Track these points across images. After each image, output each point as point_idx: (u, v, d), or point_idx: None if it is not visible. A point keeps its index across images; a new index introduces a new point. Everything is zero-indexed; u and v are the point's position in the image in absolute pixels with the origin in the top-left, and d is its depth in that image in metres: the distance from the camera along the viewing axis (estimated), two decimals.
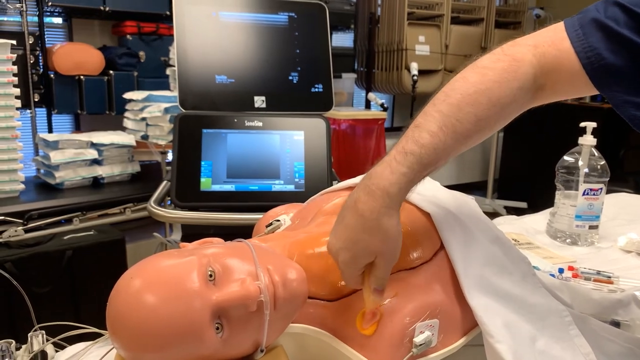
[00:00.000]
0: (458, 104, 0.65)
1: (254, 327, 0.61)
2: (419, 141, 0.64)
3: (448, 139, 0.64)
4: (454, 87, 0.67)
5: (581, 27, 0.67)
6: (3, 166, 2.17)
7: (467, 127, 0.65)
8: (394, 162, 0.63)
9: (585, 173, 1.26)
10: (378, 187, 0.62)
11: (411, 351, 0.66)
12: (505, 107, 0.67)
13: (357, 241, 0.63)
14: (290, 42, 1.82)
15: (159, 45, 2.97)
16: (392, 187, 0.62)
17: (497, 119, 0.68)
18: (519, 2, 4.68)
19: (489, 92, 0.66)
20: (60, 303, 1.97)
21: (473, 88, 0.66)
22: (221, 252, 0.64)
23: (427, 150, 0.63)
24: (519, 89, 0.67)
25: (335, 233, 0.65)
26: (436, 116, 0.65)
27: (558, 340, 0.73)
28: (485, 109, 0.66)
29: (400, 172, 0.62)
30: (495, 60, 0.69)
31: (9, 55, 2.12)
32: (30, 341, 0.82)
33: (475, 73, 0.68)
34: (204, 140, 1.63)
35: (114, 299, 0.60)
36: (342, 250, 0.64)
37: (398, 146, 0.65)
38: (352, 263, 0.64)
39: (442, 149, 0.64)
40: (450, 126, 0.64)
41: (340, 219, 0.65)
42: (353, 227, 0.63)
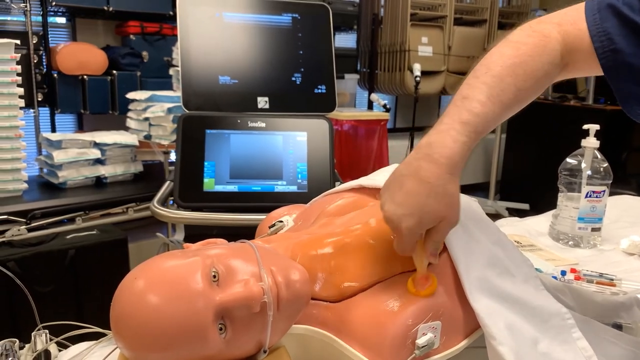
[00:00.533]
0: (499, 75, 0.70)
1: (257, 328, 0.61)
2: (473, 111, 0.67)
3: (496, 108, 0.69)
4: (493, 60, 0.72)
5: (599, 11, 0.70)
6: (6, 165, 2.17)
7: (509, 96, 0.70)
8: (454, 132, 0.66)
9: (588, 175, 1.26)
10: (442, 155, 0.65)
11: (414, 353, 0.66)
12: (538, 80, 0.72)
13: (423, 206, 0.64)
14: (294, 43, 1.82)
15: (162, 46, 2.97)
16: (456, 155, 0.65)
17: (532, 91, 0.73)
18: (522, 4, 4.69)
19: (524, 64, 0.71)
20: (63, 302, 1.98)
21: (510, 61, 0.71)
22: (225, 253, 0.64)
23: (481, 119, 0.68)
24: (549, 64, 0.72)
25: (395, 200, 0.66)
26: (482, 87, 0.69)
27: (560, 342, 0.74)
28: (522, 81, 0.70)
29: (461, 141, 0.66)
30: (526, 36, 0.73)
31: (12, 55, 2.12)
32: (33, 340, 0.82)
33: (510, 47, 0.73)
34: (207, 141, 1.63)
35: (118, 299, 0.60)
36: (407, 217, 0.64)
37: (452, 116, 0.68)
38: (417, 228, 0.65)
39: (492, 118, 0.69)
40: (496, 96, 0.69)
41: (397, 187, 0.66)
42: (418, 194, 0.64)
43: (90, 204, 2.23)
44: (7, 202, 2.14)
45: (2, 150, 2.15)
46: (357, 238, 0.75)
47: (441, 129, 0.67)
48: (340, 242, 0.75)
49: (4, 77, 2.10)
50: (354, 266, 0.72)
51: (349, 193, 0.89)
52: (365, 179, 0.90)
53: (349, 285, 0.71)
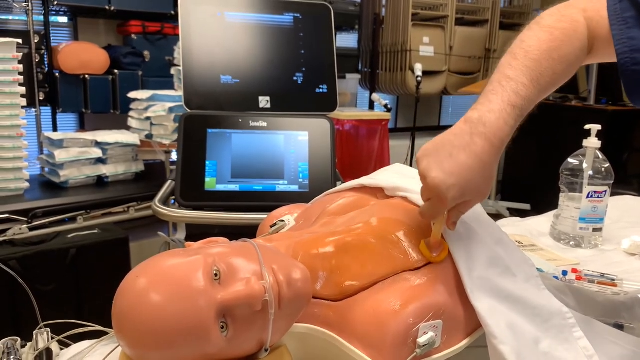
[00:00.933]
0: (538, 59, 0.72)
1: (259, 327, 0.61)
2: (520, 94, 0.69)
3: (536, 91, 0.71)
4: (530, 45, 0.74)
5: (620, 2, 0.73)
6: (8, 164, 2.18)
7: (547, 80, 0.72)
8: (506, 114, 0.68)
9: (590, 176, 1.26)
10: (496, 137, 0.67)
11: (415, 352, 0.67)
12: (571, 64, 0.75)
13: (471, 180, 0.67)
14: (295, 42, 1.82)
15: (164, 45, 2.98)
16: (507, 139, 0.69)
17: (565, 74, 0.76)
18: (524, 4, 4.68)
19: (559, 49, 0.73)
20: (64, 301, 1.98)
21: (546, 45, 0.73)
22: (226, 251, 0.64)
23: (525, 102, 0.70)
24: (580, 49, 0.76)
25: (444, 169, 0.66)
26: (524, 70, 0.71)
27: (562, 342, 0.74)
28: (558, 64, 0.73)
29: (511, 125, 0.69)
30: (557, 21, 0.76)
31: (14, 54, 2.13)
32: (35, 339, 0.82)
33: (544, 32, 0.75)
34: (208, 140, 1.64)
35: (120, 297, 0.60)
36: (456, 187, 0.66)
37: (503, 96, 0.69)
38: (460, 199, 0.68)
39: (533, 101, 0.71)
40: (537, 79, 0.71)
41: (447, 155, 0.67)
42: (470, 168, 0.66)
43: (91, 203, 2.24)
44: (9, 201, 2.14)
45: (4, 149, 2.15)
46: (359, 237, 0.75)
47: (493, 108, 0.68)
48: (341, 241, 0.75)
49: (5, 77, 2.11)
50: (355, 265, 0.72)
51: (350, 192, 0.89)
52: (366, 178, 0.90)
53: (350, 284, 0.71)
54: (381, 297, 0.69)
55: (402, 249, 0.73)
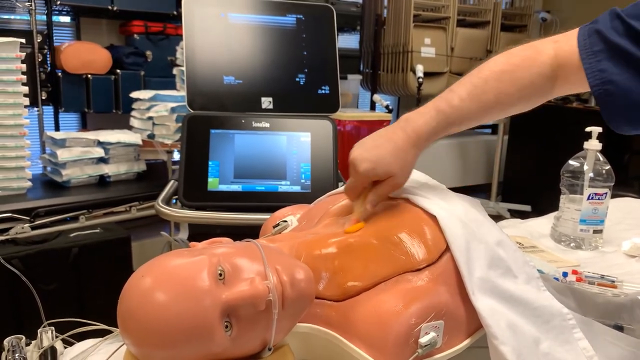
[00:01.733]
0: (486, 77, 0.81)
1: (262, 326, 0.62)
2: (451, 102, 0.80)
3: (473, 105, 0.80)
4: (486, 65, 0.83)
5: (589, 37, 0.77)
6: (10, 163, 2.18)
7: (489, 97, 0.80)
8: (428, 117, 0.80)
9: (590, 177, 1.27)
10: (413, 130, 0.80)
11: (416, 352, 0.67)
12: (523, 87, 0.81)
13: (382, 157, 0.78)
14: (298, 44, 1.83)
15: (166, 45, 2.98)
16: (423, 134, 0.80)
17: (516, 97, 0.82)
18: (525, 5, 4.68)
19: (511, 72, 0.81)
20: (66, 300, 1.99)
21: (499, 67, 0.81)
22: (231, 251, 0.65)
23: (455, 111, 0.80)
24: (537, 75, 0.80)
25: (364, 147, 0.80)
26: (467, 86, 0.81)
27: (562, 343, 0.74)
28: (506, 85, 0.80)
29: (431, 126, 0.80)
30: (522, 49, 0.83)
31: (17, 54, 2.13)
32: (39, 337, 0.83)
33: (504, 57, 0.83)
34: (211, 141, 1.64)
35: (125, 296, 0.61)
36: (367, 161, 0.78)
37: (435, 103, 0.81)
38: (371, 172, 0.78)
39: (466, 113, 0.81)
40: (476, 95, 0.80)
41: (371, 140, 0.81)
42: (384, 148, 0.79)
43: (93, 202, 2.24)
44: (12, 200, 2.15)
45: (7, 148, 2.16)
46: (361, 238, 0.76)
47: (420, 111, 0.82)
48: (344, 242, 0.75)
49: (8, 76, 2.12)
50: (358, 266, 0.73)
51: None
52: None
53: (352, 284, 0.72)
54: (383, 297, 0.70)
55: (404, 249, 0.74)
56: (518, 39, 4.55)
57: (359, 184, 0.80)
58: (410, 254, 0.74)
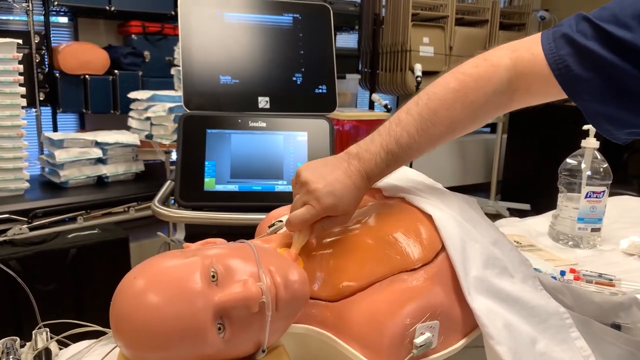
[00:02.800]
0: (435, 108, 0.75)
1: (256, 328, 0.62)
2: (399, 141, 0.75)
3: (422, 140, 0.75)
4: (436, 92, 0.76)
5: (554, 41, 0.73)
6: (8, 164, 2.18)
7: (440, 129, 0.76)
8: (379, 158, 0.75)
9: (588, 176, 1.27)
10: (366, 172, 0.75)
11: (412, 352, 0.67)
12: (477, 109, 0.76)
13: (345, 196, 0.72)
14: (295, 43, 1.82)
15: (164, 45, 2.98)
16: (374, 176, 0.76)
17: (470, 121, 0.78)
18: (524, 4, 4.68)
19: (463, 98, 0.75)
20: (64, 301, 1.98)
21: (451, 94, 0.75)
22: (224, 253, 0.64)
23: (404, 150, 0.75)
24: (493, 93, 0.75)
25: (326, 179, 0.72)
26: (417, 118, 0.75)
27: (559, 342, 0.74)
28: (459, 113, 0.75)
29: (381, 168, 0.76)
30: (474, 66, 0.77)
31: (15, 55, 2.13)
32: (34, 339, 0.83)
33: (455, 79, 0.76)
34: (208, 141, 1.64)
35: (118, 298, 0.60)
36: (331, 196, 0.71)
37: (383, 140, 0.76)
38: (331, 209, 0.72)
39: (416, 149, 0.76)
40: (426, 129, 0.75)
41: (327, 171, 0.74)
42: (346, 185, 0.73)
43: (91, 203, 2.24)
44: (9, 201, 2.15)
45: (4, 149, 2.16)
46: (356, 238, 0.75)
47: (370, 149, 0.76)
48: (338, 241, 0.75)
49: (6, 77, 2.11)
50: (353, 266, 0.72)
51: None
52: None
53: (347, 284, 0.71)
54: (378, 297, 0.70)
55: (399, 249, 0.73)
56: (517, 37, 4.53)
57: (314, 217, 0.72)
58: (406, 253, 0.73)
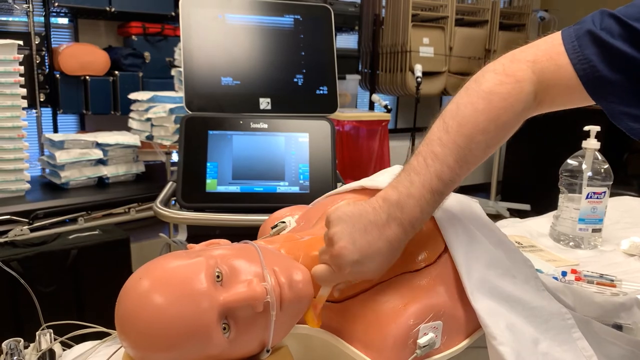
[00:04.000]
0: (470, 134, 0.68)
1: (260, 328, 0.62)
2: (442, 177, 0.67)
3: (462, 171, 0.68)
4: (465, 116, 0.69)
5: (577, 39, 0.68)
6: (9, 166, 2.18)
7: (477, 154, 0.69)
8: (424, 202, 0.66)
9: (589, 177, 1.27)
10: (410, 224, 0.66)
11: (415, 352, 0.67)
12: (510, 129, 0.71)
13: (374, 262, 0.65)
14: (296, 44, 1.83)
15: (164, 46, 2.98)
16: (419, 223, 0.67)
17: (503, 139, 0.72)
18: (524, 4, 4.68)
19: (496, 119, 0.69)
20: (65, 302, 1.99)
21: (482, 117, 0.68)
22: (228, 253, 0.65)
23: (447, 186, 0.68)
24: (522, 111, 0.70)
25: (355, 244, 0.64)
26: (453, 148, 0.67)
27: (560, 342, 0.74)
28: (494, 136, 0.69)
29: (428, 212, 0.68)
30: (498, 83, 0.70)
31: (15, 56, 2.13)
32: (38, 340, 0.83)
33: (482, 99, 0.69)
34: (209, 142, 1.64)
35: (123, 299, 0.61)
36: (358, 264, 0.64)
37: (424, 180, 0.66)
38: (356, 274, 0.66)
39: (457, 182, 0.69)
40: (464, 157, 0.68)
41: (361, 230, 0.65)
42: (379, 251, 0.65)
43: (92, 204, 2.25)
44: (10, 202, 2.15)
45: (5, 150, 2.16)
46: None
47: (413, 193, 0.66)
48: None
49: (6, 78, 2.12)
50: None
51: (350, 194, 0.90)
52: (367, 180, 0.91)
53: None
54: (382, 298, 0.70)
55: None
56: (516, 38, 4.55)
57: (334, 282, 0.67)
58: (409, 254, 0.73)
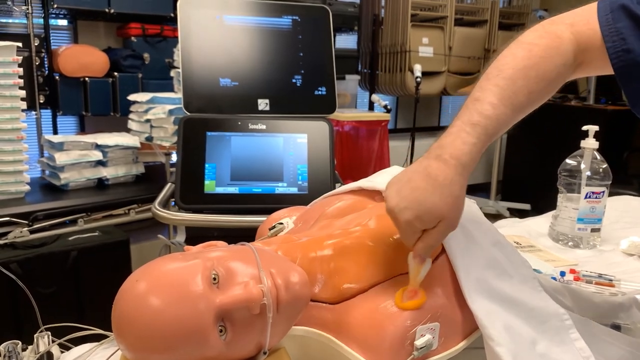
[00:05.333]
0: (511, 77, 0.70)
1: (257, 330, 0.62)
2: (483, 113, 0.68)
3: (507, 110, 0.69)
4: (505, 62, 0.72)
5: (611, 12, 0.70)
6: (9, 167, 2.18)
7: (521, 99, 0.70)
8: (464, 134, 0.67)
9: (588, 176, 1.27)
10: (452, 157, 0.66)
11: (412, 354, 0.67)
12: (551, 81, 0.72)
13: (424, 202, 0.65)
14: (294, 45, 1.83)
15: (164, 47, 2.98)
16: (465, 157, 0.66)
17: (545, 92, 0.73)
18: (523, 4, 4.68)
19: (536, 67, 0.71)
20: (65, 303, 1.99)
21: (522, 63, 0.71)
22: (225, 255, 0.64)
23: (492, 121, 0.68)
24: (562, 65, 0.72)
25: (400, 193, 0.66)
26: (494, 90, 0.69)
27: (558, 343, 0.74)
28: (534, 83, 0.71)
29: (471, 143, 0.67)
30: (538, 37, 0.73)
31: (14, 58, 2.13)
32: (36, 342, 0.83)
33: (522, 49, 0.72)
34: (208, 143, 1.64)
35: (119, 301, 0.61)
36: (407, 210, 0.65)
37: (463, 118, 0.68)
38: (416, 222, 0.65)
39: (503, 120, 0.69)
40: (508, 98, 0.69)
41: (405, 181, 0.67)
42: (423, 190, 0.65)
43: (92, 205, 2.25)
44: (10, 204, 2.15)
45: (4, 152, 2.16)
46: (357, 240, 0.75)
47: (452, 131, 0.68)
48: (339, 244, 0.75)
49: (5, 80, 2.11)
50: (353, 268, 0.73)
51: (348, 195, 0.90)
52: (364, 180, 0.91)
53: (348, 286, 0.71)
54: (379, 299, 0.70)
55: (399, 251, 0.74)
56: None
57: (408, 237, 0.67)
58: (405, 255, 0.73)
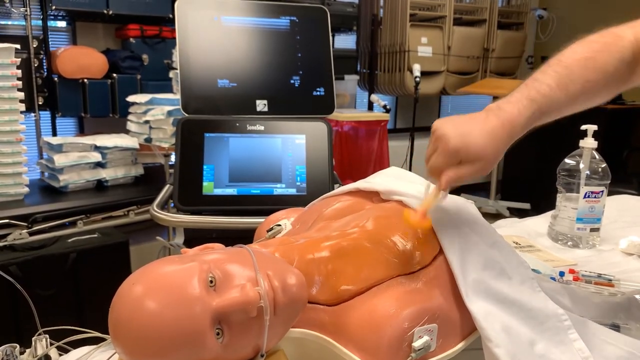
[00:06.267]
0: (569, 66, 0.78)
1: (254, 332, 0.62)
2: (541, 91, 0.75)
3: (562, 95, 0.76)
4: (565, 55, 0.80)
5: None
6: (8, 169, 2.18)
7: (576, 87, 0.77)
8: (521, 105, 0.75)
9: (587, 176, 1.26)
10: (508, 120, 0.74)
11: (410, 356, 0.67)
12: (607, 74, 0.79)
13: (475, 139, 0.71)
14: (292, 46, 1.83)
15: (162, 48, 2.98)
16: (518, 124, 0.74)
17: (601, 85, 0.79)
18: (522, 3, 4.68)
19: (594, 59, 0.78)
20: (64, 305, 1.98)
21: (580, 55, 0.79)
22: (221, 258, 0.64)
23: (547, 100, 0.75)
24: (619, 60, 0.79)
25: (455, 125, 0.73)
26: (553, 74, 0.77)
27: (557, 344, 0.74)
28: (592, 73, 0.78)
29: (525, 115, 0.74)
30: (600, 36, 0.81)
31: (13, 59, 2.13)
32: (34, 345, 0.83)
33: (583, 45, 0.80)
34: (206, 144, 1.64)
35: (116, 304, 0.60)
36: (459, 137, 0.71)
37: (522, 92, 0.76)
38: (460, 151, 0.71)
39: (557, 103, 0.76)
40: (564, 84, 0.76)
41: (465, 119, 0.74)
42: (479, 130, 0.72)
43: (91, 207, 2.24)
44: (9, 206, 2.15)
45: (4, 154, 2.16)
46: (354, 241, 0.75)
47: (511, 100, 0.75)
48: (337, 245, 0.75)
49: (4, 82, 2.11)
50: (351, 269, 0.72)
51: (346, 196, 0.90)
52: (362, 182, 0.91)
53: (345, 288, 0.71)
54: (376, 301, 0.70)
55: (397, 253, 0.73)
56: (515, 37, 4.55)
57: (445, 163, 0.72)
58: (404, 256, 0.73)
